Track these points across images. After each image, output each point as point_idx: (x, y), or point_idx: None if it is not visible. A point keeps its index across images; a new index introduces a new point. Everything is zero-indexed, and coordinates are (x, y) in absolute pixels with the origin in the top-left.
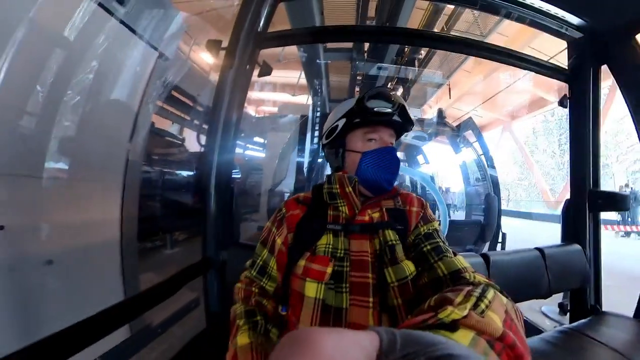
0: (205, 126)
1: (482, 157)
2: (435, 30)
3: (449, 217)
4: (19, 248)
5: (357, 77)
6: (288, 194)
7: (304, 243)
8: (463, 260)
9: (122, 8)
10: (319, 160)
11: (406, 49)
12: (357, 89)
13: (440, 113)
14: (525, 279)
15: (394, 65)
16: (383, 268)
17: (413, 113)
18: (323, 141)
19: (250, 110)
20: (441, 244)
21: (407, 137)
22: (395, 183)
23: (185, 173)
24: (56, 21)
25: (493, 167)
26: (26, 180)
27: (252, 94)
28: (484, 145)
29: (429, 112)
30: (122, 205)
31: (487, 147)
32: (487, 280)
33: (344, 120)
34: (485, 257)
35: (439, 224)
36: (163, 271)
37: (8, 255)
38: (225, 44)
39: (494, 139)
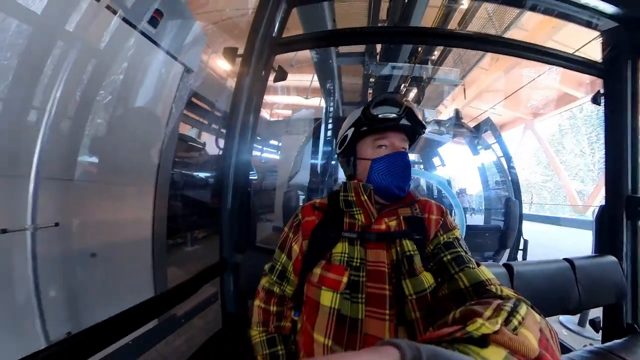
0: (223, 130)
1: (502, 159)
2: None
3: (464, 221)
4: (69, 242)
5: (370, 80)
6: (303, 197)
7: (319, 251)
8: (487, 272)
9: (154, 29)
10: (333, 162)
11: (420, 49)
12: (370, 91)
13: (457, 114)
14: (553, 292)
15: (408, 64)
16: (400, 279)
17: (428, 114)
18: (337, 150)
19: (265, 113)
20: (462, 253)
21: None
22: (411, 187)
23: (203, 175)
24: (107, 54)
25: (513, 169)
26: (76, 184)
27: (268, 98)
28: (504, 147)
29: (445, 113)
30: (154, 207)
31: (507, 148)
32: (517, 295)
33: (352, 129)
34: (508, 267)
35: (459, 232)
36: (184, 266)
37: (62, 247)
38: (241, 51)
39: (514, 138)
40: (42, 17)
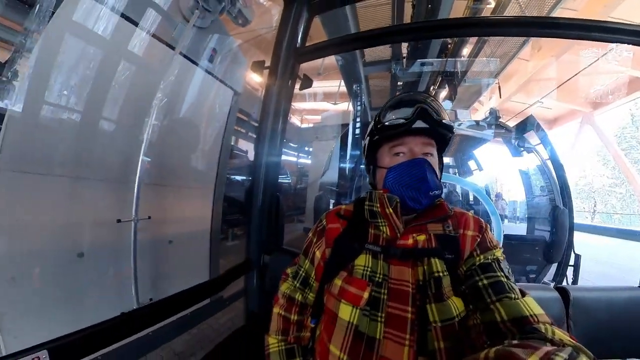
0: None
1: (549, 162)
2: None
3: (502, 230)
4: (155, 231)
5: (398, 83)
6: (333, 201)
7: (341, 261)
8: (535, 305)
9: (211, 64)
10: (362, 166)
11: (449, 46)
12: (398, 94)
13: (494, 112)
14: (623, 330)
15: (437, 59)
16: (425, 303)
17: (461, 115)
18: (363, 158)
19: (296, 120)
20: (503, 279)
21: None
22: (442, 194)
23: (244, 178)
24: (182, 89)
25: (562, 173)
26: (163, 188)
27: (298, 105)
28: (550, 148)
29: (482, 111)
30: (213, 206)
31: (555, 150)
32: (574, 341)
33: (368, 139)
34: (562, 291)
35: (502, 252)
36: (225, 257)
37: (151, 235)
38: (268, 62)
39: (569, 134)
40: (143, 68)
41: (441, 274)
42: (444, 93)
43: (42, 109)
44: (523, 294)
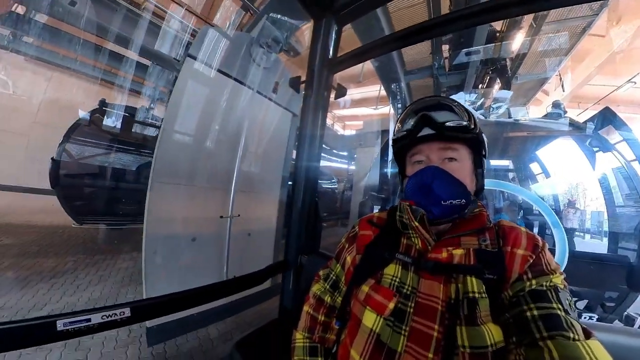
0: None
1: (635, 164)
2: None
3: (566, 246)
4: (240, 226)
5: (442, 83)
6: (379, 207)
7: (370, 269)
8: (601, 353)
9: (275, 94)
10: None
11: (499, 34)
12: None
13: (558, 106)
14: None
15: (486, 46)
16: (455, 324)
17: (514, 112)
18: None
19: (339, 127)
20: (560, 313)
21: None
22: (468, 201)
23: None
24: (257, 117)
25: None
26: (247, 194)
27: (340, 112)
28: (637, 146)
29: (543, 106)
30: (278, 207)
31: None
32: None
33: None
34: None
35: (564, 279)
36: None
37: (239, 229)
38: (303, 77)
39: None
40: (233, 105)
41: (477, 295)
42: (496, 88)
43: (171, 139)
44: (587, 335)
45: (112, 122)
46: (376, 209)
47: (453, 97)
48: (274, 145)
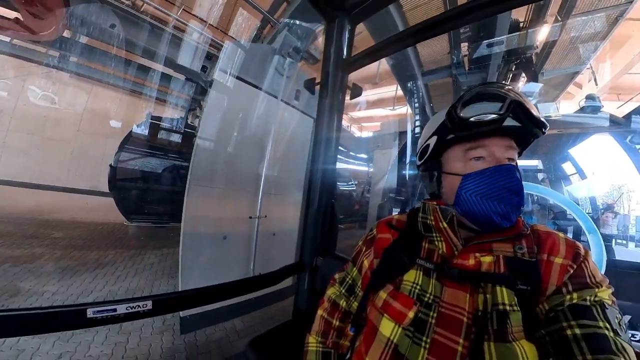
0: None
1: None
2: None
3: (604, 254)
4: (266, 226)
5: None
6: (398, 210)
7: (389, 274)
8: None
9: (297, 102)
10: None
11: (523, 24)
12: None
13: (593, 101)
14: None
15: (507, 36)
16: (482, 339)
17: (543, 109)
18: (417, 162)
19: (356, 129)
20: (608, 333)
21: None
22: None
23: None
24: (282, 123)
25: None
26: (273, 196)
27: (357, 114)
28: None
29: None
30: (301, 209)
31: None
32: None
33: (435, 138)
34: None
35: (612, 293)
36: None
37: (264, 229)
38: (318, 78)
39: None
40: (261, 114)
41: (508, 308)
42: (521, 80)
43: (206, 146)
44: None
45: (153, 131)
46: (395, 212)
47: None
48: (296, 149)
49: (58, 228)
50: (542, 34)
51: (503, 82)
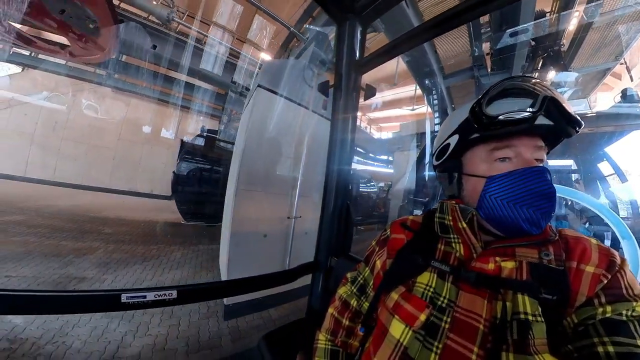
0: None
1: None
2: None
3: None
4: (299, 225)
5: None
6: (419, 212)
7: (401, 275)
8: None
9: (325, 111)
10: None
11: (550, 13)
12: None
13: (630, 96)
14: None
15: (532, 23)
16: (500, 349)
17: (576, 106)
18: (434, 162)
19: (375, 131)
20: None
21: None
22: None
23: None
24: (314, 131)
25: None
26: (306, 198)
27: (375, 114)
28: None
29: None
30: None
31: None
32: None
33: (456, 137)
34: None
35: None
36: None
37: (299, 228)
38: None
39: None
40: (295, 124)
41: (531, 318)
42: (550, 72)
43: (250, 154)
44: None
45: (206, 142)
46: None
47: None
48: (325, 154)
49: (107, 225)
50: (570, 25)
51: (532, 75)
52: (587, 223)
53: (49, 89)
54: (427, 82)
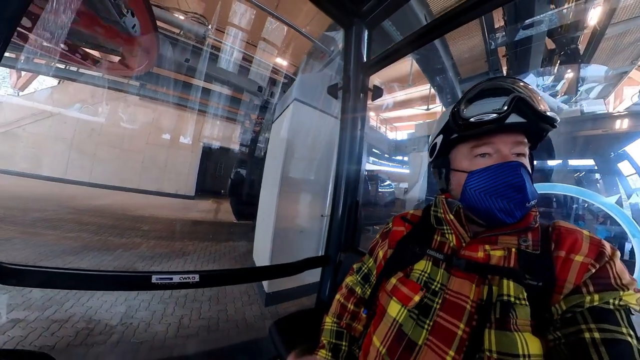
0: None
1: None
2: None
3: None
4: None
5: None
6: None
7: (400, 262)
8: None
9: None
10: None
11: (567, 10)
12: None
13: None
14: None
15: (552, 12)
16: (484, 326)
17: (588, 106)
18: (428, 159)
19: (390, 132)
20: (632, 340)
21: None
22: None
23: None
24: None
25: None
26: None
27: (390, 114)
28: None
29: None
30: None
31: None
32: None
33: (441, 137)
34: None
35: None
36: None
37: (324, 225)
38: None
39: None
40: (326, 132)
41: (515, 301)
42: (567, 76)
43: (291, 159)
44: None
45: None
46: None
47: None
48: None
49: (143, 222)
50: (590, 21)
51: (513, 76)
52: (605, 223)
53: (84, 99)
54: (440, 81)
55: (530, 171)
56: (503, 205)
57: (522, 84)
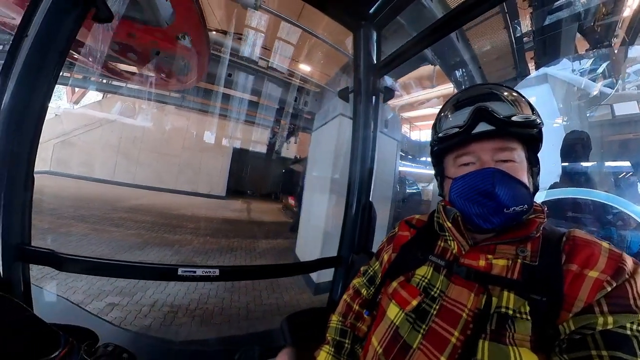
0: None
1: None
2: None
3: None
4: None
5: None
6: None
7: (402, 267)
8: None
9: (386, 129)
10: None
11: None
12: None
13: None
14: None
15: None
16: (479, 337)
17: (618, 105)
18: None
19: (416, 132)
20: None
21: None
22: (531, 207)
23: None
24: (378, 149)
25: None
26: (375, 200)
27: (414, 113)
28: None
29: None
30: (390, 208)
31: None
32: None
33: (430, 148)
34: None
35: None
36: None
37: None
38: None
39: None
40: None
41: (511, 312)
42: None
43: (336, 166)
44: None
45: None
46: None
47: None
48: (385, 165)
49: (188, 221)
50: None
51: (488, 83)
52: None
53: (128, 110)
54: (460, 78)
55: (525, 175)
56: (477, 210)
57: (498, 88)
